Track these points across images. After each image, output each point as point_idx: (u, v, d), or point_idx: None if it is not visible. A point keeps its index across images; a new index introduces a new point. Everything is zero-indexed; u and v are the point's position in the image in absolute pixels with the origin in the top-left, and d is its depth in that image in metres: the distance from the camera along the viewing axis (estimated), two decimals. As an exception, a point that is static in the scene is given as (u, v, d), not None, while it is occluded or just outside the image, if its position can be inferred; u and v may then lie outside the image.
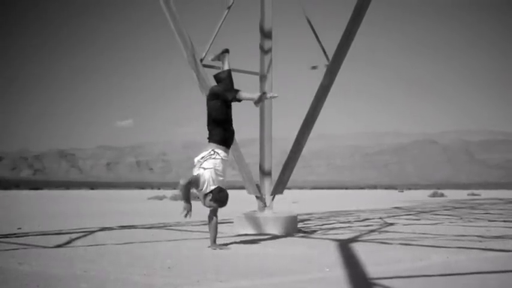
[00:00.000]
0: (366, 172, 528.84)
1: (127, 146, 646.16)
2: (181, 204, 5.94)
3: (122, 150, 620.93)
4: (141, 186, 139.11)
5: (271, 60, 8.30)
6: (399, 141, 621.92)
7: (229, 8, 8.24)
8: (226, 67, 6.27)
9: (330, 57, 7.76)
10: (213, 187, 5.71)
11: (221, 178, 5.82)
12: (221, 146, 5.84)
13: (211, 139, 5.87)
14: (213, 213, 5.93)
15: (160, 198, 27.79)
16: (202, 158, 5.77)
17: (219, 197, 5.70)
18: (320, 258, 5.11)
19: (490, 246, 6.04)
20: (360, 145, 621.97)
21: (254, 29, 8.40)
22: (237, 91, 5.92)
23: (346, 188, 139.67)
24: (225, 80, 6.10)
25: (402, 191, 74.55)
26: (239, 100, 5.91)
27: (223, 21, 8.15)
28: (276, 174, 8.49)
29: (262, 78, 8.34)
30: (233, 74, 6.34)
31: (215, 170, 5.75)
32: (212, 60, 6.55)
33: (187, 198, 5.70)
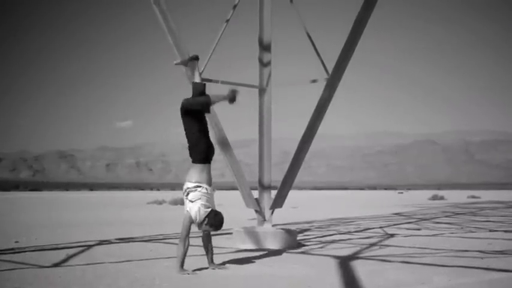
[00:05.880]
0: (365, 172, 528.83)
1: (126, 147, 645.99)
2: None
3: (121, 151, 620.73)
4: (141, 187, 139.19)
5: (270, 73, 8.24)
6: (399, 142, 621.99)
7: (227, 21, 8.17)
8: (196, 77, 6.14)
9: (330, 70, 7.68)
10: (207, 211, 5.63)
11: (210, 199, 5.72)
12: (205, 165, 5.74)
13: (193, 159, 5.78)
14: (207, 237, 5.87)
15: (160, 202, 27.72)
16: (188, 189, 5.68)
17: (215, 222, 5.62)
18: (319, 282, 5.03)
19: (492, 265, 5.96)
20: (360, 145, 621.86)
21: (253, 42, 8.35)
22: (206, 97, 5.83)
23: (346, 189, 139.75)
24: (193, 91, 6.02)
25: (402, 192, 74.65)
26: (208, 106, 5.83)
27: (221, 34, 8.09)
28: (274, 175, 8.44)
29: (262, 91, 8.28)
30: (233, 87, 6.23)
31: (202, 198, 5.64)
32: (176, 64, 6.41)
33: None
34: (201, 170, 5.71)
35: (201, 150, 5.74)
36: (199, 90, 5.98)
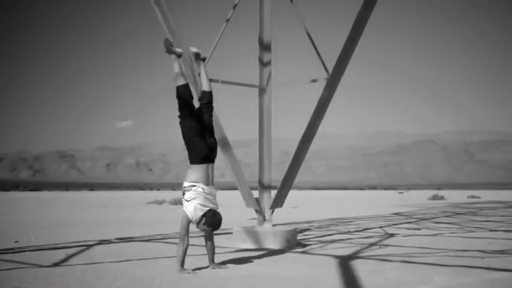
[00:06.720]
0: (366, 172, 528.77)
1: (126, 147, 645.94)
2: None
3: (121, 151, 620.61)
4: (141, 187, 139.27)
5: (270, 73, 8.23)
6: (399, 141, 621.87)
7: (227, 20, 8.16)
8: (204, 82, 6.12)
9: (330, 70, 7.67)
10: (203, 210, 5.61)
11: (209, 199, 5.69)
12: (202, 165, 5.68)
13: (190, 161, 5.74)
14: (209, 236, 5.85)
15: (160, 202, 27.72)
16: (184, 188, 5.67)
17: (213, 221, 5.59)
18: (319, 282, 5.02)
19: (493, 265, 5.95)
20: (360, 145, 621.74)
21: (253, 41, 8.34)
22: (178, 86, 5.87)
23: (346, 189, 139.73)
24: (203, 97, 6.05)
25: (402, 192, 74.64)
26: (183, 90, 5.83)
27: (222, 34, 8.08)
28: (274, 175, 8.43)
29: (262, 91, 8.27)
30: (233, 87, 6.23)
31: (197, 197, 5.60)
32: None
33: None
34: (197, 169, 5.67)
35: (196, 154, 5.70)
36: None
